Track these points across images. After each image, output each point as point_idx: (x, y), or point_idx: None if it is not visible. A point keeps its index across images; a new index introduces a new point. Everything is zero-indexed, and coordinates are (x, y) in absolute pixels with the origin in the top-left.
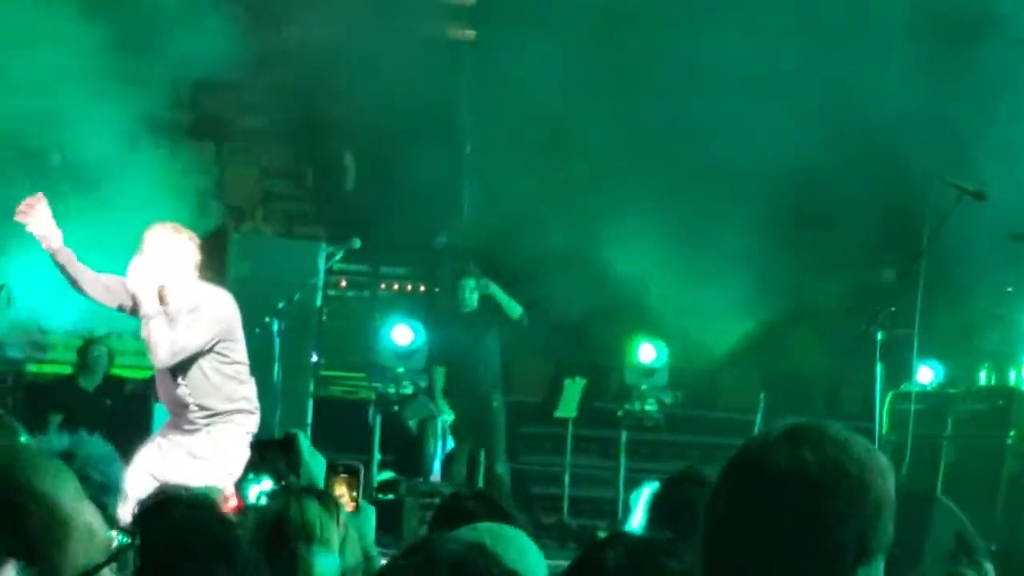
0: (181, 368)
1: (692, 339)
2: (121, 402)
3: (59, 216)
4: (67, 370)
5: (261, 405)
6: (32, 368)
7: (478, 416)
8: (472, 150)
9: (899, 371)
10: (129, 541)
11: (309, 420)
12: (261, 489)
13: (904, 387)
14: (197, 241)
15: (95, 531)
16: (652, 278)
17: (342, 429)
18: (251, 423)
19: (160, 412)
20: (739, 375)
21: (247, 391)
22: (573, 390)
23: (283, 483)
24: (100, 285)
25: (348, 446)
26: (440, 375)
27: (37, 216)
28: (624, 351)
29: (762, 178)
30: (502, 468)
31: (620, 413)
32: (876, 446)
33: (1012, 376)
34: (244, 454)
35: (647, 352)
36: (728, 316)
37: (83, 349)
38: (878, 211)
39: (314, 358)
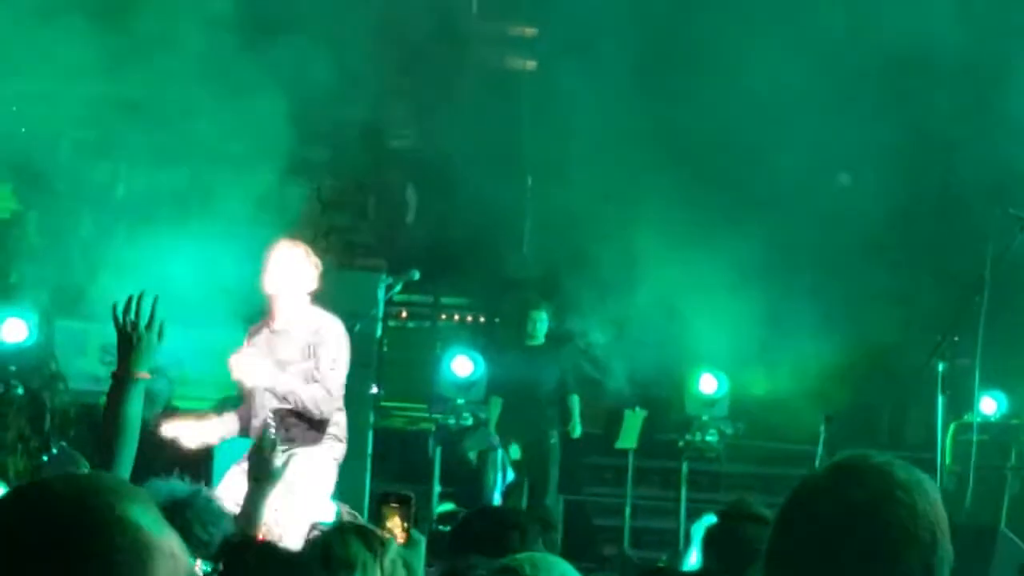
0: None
1: (753, 370)
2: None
3: (121, 247)
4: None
5: None
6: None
7: (535, 450)
8: (533, 182)
9: (961, 402)
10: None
11: (369, 451)
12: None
13: (967, 417)
14: (316, 259)
15: (179, 558)
16: (715, 309)
17: (402, 460)
18: (339, 451)
19: (222, 448)
20: (801, 406)
21: (341, 418)
22: (634, 421)
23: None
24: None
25: (409, 477)
26: (496, 406)
27: (189, 433)
28: (685, 382)
29: (827, 209)
30: (551, 499)
31: (681, 444)
32: (938, 477)
33: None
34: (332, 481)
35: (708, 383)
36: (790, 346)
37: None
38: (942, 242)
39: (374, 389)
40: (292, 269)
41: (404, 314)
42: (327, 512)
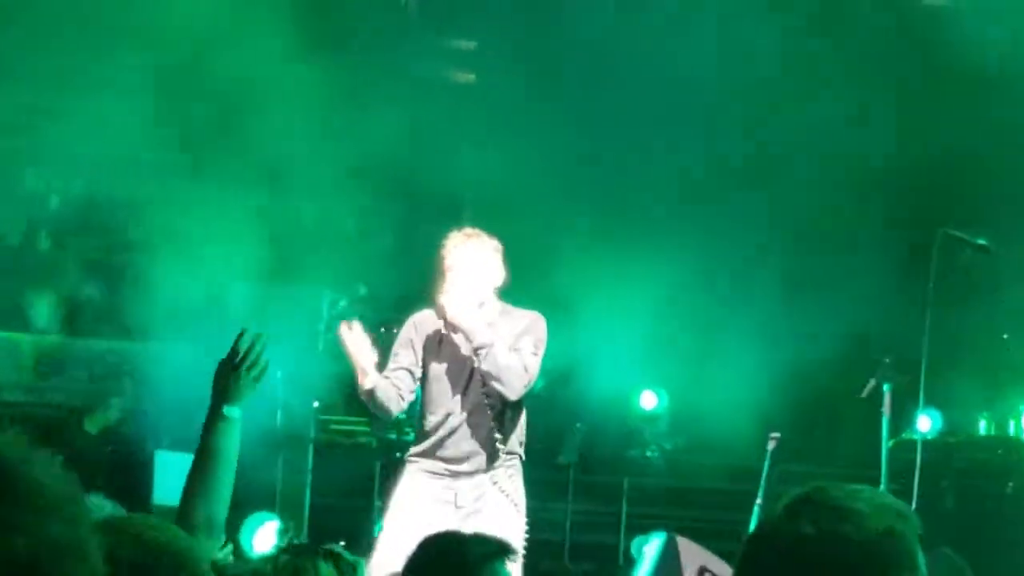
0: (513, 404)
1: (695, 385)
2: (123, 448)
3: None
4: None
5: (263, 450)
6: None
7: None
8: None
9: (899, 420)
10: None
11: (310, 466)
12: (267, 537)
13: (905, 435)
14: (501, 248)
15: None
16: (656, 324)
17: (343, 475)
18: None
19: (163, 460)
20: (742, 421)
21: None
22: (575, 436)
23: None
24: (407, 394)
25: (349, 492)
26: None
27: (360, 344)
28: (626, 397)
29: (766, 225)
30: None
31: (622, 459)
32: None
33: (1011, 426)
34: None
35: (648, 398)
36: (733, 362)
37: (91, 390)
38: (883, 261)
39: (315, 404)
40: (473, 269)
41: None
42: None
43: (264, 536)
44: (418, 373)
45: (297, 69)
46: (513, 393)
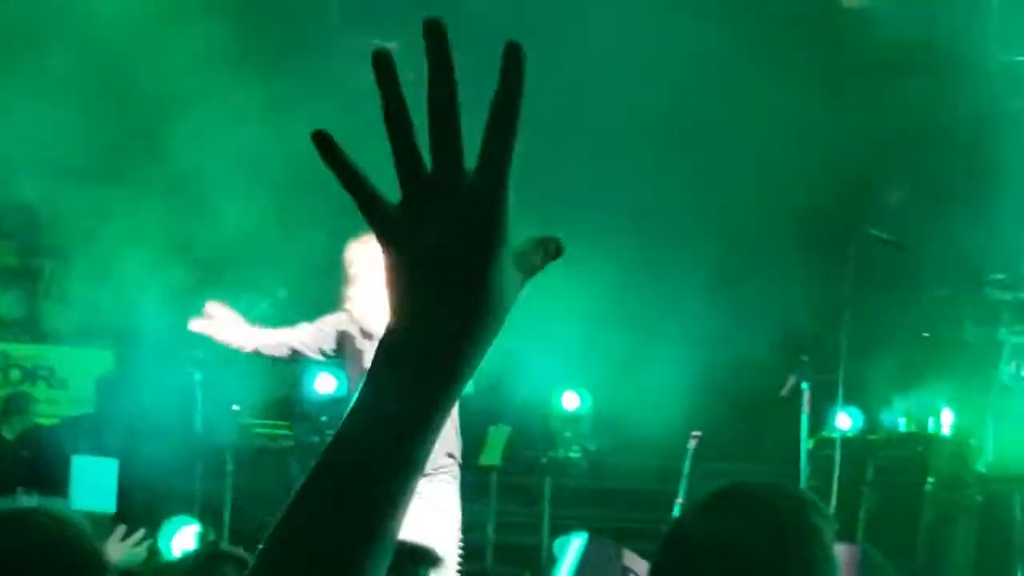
0: None
1: (617, 386)
2: (40, 453)
3: None
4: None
5: (183, 454)
6: None
7: None
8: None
9: (818, 418)
10: None
11: (230, 469)
12: (186, 541)
13: (824, 433)
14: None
15: None
16: (578, 325)
17: (264, 479)
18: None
19: (80, 465)
20: (665, 421)
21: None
22: (498, 438)
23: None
24: (298, 345)
25: (270, 497)
26: None
27: (218, 324)
28: (549, 398)
29: (688, 227)
30: None
31: (544, 460)
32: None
33: (930, 423)
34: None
35: (571, 399)
36: (655, 362)
37: (9, 395)
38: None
39: (235, 407)
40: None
41: None
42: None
43: (183, 540)
44: (326, 345)
45: (218, 73)
46: None
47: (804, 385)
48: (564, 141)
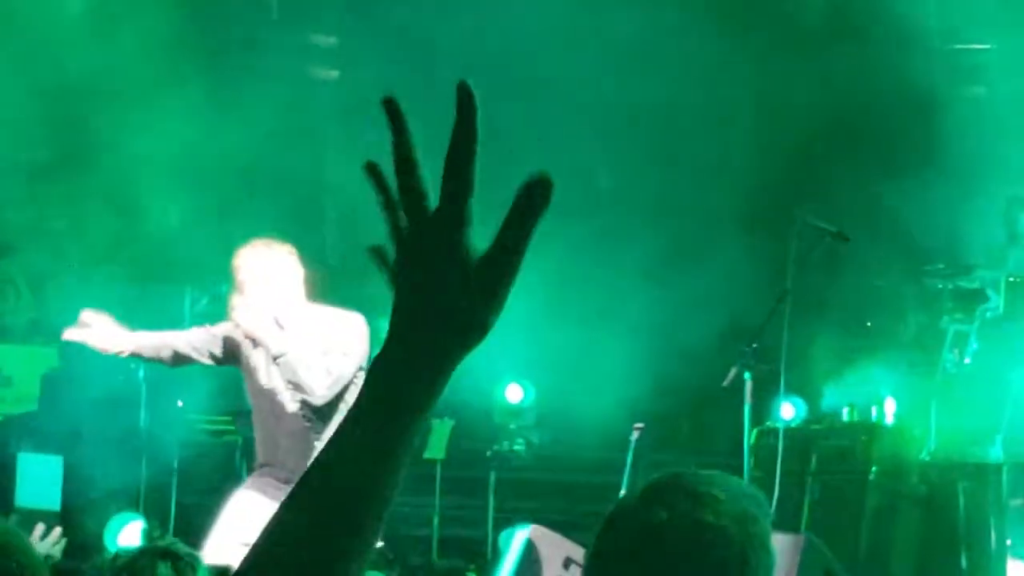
0: (326, 405)
1: (561, 378)
2: None
3: None
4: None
5: (128, 451)
6: None
7: None
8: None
9: (761, 408)
10: None
11: (175, 466)
12: (132, 537)
13: (768, 424)
14: (295, 252)
15: None
16: (522, 317)
17: (209, 473)
18: None
19: (25, 463)
20: (609, 414)
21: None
22: (441, 431)
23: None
24: (183, 347)
25: (216, 490)
26: None
27: (94, 332)
28: (492, 391)
29: (633, 215)
30: None
31: (488, 453)
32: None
33: (873, 412)
34: None
35: (514, 392)
36: (598, 354)
37: None
38: (747, 248)
39: (179, 403)
40: (264, 280)
41: None
42: None
43: (128, 537)
44: (215, 349)
45: (156, 69)
46: (317, 398)
47: (746, 375)
48: (505, 132)
